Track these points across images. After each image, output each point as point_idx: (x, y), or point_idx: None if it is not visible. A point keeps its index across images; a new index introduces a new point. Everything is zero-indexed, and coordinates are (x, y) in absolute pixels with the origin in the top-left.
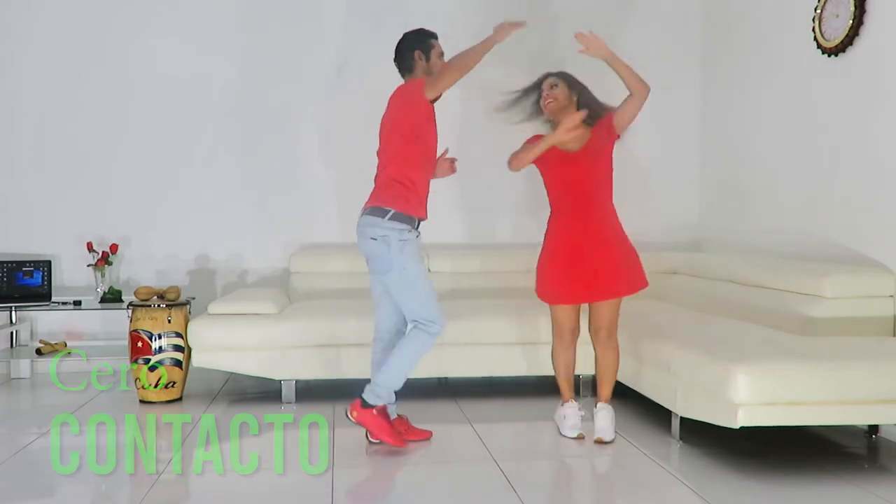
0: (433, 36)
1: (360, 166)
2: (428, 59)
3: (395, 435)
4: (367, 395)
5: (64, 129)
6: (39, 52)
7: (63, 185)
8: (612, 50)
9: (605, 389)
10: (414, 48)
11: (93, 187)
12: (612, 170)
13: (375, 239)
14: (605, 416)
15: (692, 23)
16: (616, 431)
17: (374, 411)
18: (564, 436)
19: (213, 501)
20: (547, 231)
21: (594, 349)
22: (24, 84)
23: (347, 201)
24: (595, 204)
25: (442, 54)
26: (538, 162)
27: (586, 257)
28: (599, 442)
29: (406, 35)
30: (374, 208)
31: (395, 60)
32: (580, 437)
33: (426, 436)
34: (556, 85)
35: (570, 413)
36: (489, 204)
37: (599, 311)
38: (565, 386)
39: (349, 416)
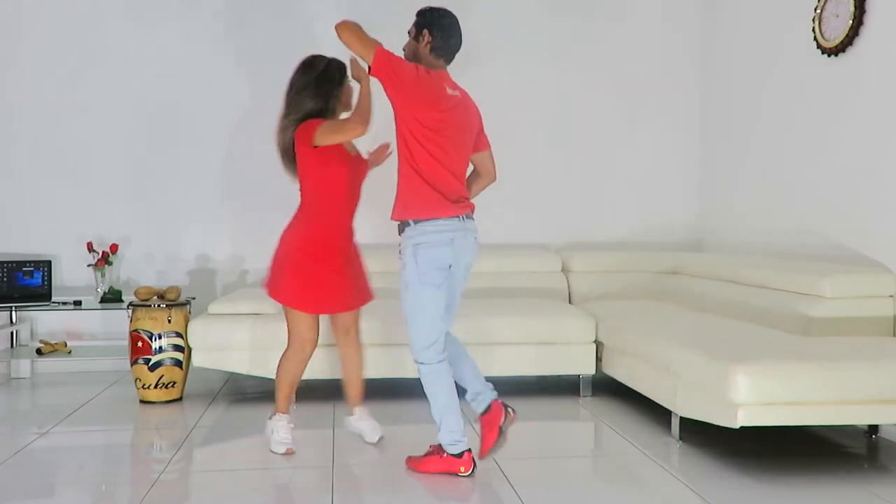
0: None
1: None
2: None
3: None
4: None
5: (64, 128)
6: (39, 51)
7: (63, 185)
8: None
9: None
10: None
11: (92, 187)
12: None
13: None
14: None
15: (692, 22)
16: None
17: None
18: (274, 452)
19: (214, 501)
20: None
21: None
22: (24, 84)
23: None
24: None
25: None
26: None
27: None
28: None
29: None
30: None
31: (457, 46)
32: (290, 452)
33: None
34: None
35: (283, 427)
36: (490, 204)
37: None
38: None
39: (506, 426)
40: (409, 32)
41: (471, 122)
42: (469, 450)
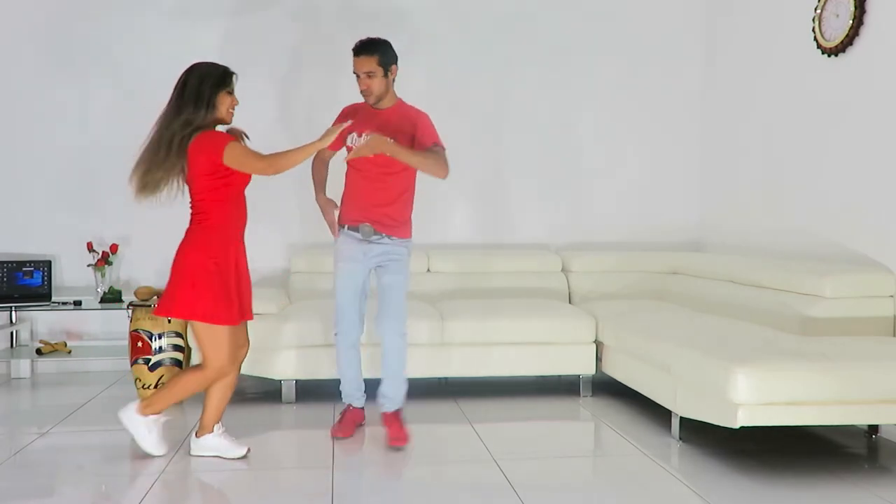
0: None
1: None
2: None
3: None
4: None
5: (64, 128)
6: (39, 50)
7: (63, 185)
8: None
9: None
10: None
11: (93, 187)
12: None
13: None
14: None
15: (693, 22)
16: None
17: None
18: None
19: (213, 501)
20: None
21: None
22: (25, 83)
23: None
24: None
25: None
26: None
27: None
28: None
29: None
30: None
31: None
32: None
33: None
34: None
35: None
36: (491, 203)
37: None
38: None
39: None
40: (374, 73)
41: None
42: None
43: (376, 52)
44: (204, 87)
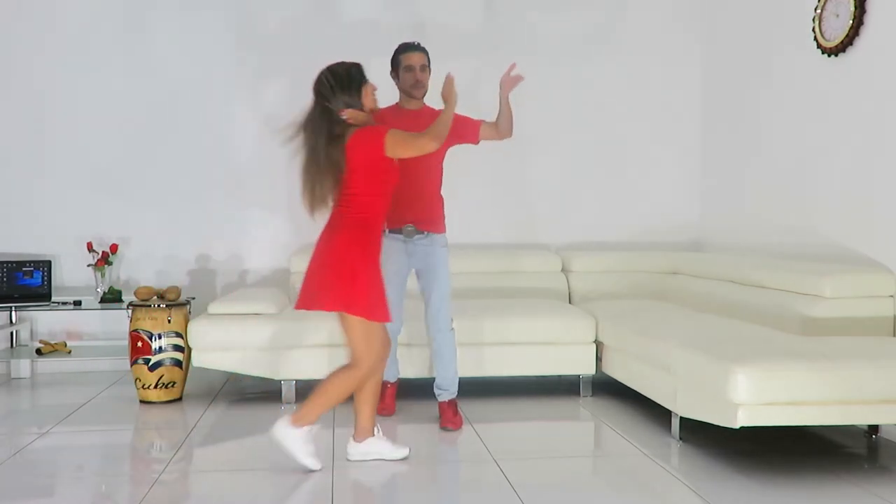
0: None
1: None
2: None
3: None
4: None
5: (64, 128)
6: (40, 51)
7: (63, 185)
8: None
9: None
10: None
11: (93, 187)
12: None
13: None
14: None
15: (692, 23)
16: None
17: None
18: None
19: (213, 501)
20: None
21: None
22: (25, 83)
23: None
24: None
25: None
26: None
27: None
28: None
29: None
30: None
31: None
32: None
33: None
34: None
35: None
36: (490, 204)
37: None
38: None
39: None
40: (426, 67)
41: None
42: None
43: (425, 50)
44: (348, 83)
